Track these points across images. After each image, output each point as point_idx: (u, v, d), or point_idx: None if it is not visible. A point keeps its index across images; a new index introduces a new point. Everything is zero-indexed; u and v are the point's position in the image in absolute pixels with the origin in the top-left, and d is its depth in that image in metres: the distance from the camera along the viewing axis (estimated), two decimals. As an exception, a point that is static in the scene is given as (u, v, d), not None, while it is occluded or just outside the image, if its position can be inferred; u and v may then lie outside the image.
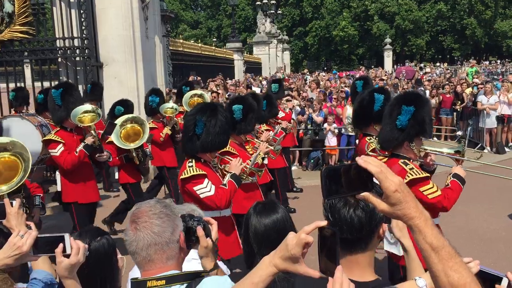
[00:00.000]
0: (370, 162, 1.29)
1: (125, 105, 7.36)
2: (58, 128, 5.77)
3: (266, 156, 5.42)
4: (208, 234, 2.07)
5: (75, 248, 2.01)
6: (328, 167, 1.37)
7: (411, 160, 3.83)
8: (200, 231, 2.03)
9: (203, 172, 4.01)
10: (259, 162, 5.12)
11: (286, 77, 21.70)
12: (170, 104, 8.40)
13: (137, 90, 9.88)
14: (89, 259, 2.04)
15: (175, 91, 11.61)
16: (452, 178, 3.87)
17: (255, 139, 6.04)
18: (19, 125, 6.97)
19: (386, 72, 32.74)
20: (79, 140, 5.72)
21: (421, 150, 4.00)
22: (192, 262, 2.50)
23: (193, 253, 2.58)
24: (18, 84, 10.00)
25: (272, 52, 34.82)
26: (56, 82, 10.10)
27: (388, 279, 3.98)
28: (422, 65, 49.60)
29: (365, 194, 1.32)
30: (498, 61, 55.71)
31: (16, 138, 3.86)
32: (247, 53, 35.31)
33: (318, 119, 11.45)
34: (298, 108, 11.63)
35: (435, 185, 3.74)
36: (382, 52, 51.45)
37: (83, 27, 9.68)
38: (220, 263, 2.55)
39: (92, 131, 5.64)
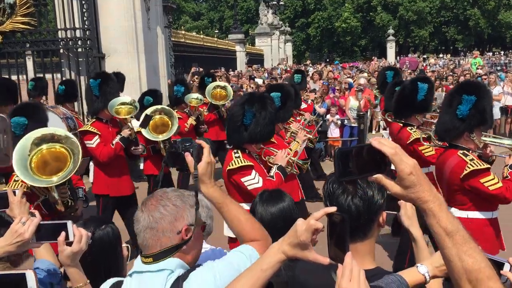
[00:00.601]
0: (385, 144, 1.27)
1: (154, 96, 7.31)
2: (94, 119, 5.68)
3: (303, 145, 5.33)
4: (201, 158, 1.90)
5: (77, 236, 1.99)
6: (342, 148, 1.34)
7: (471, 151, 3.74)
8: (188, 157, 1.88)
9: (251, 163, 3.93)
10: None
11: (289, 69, 21.60)
12: (195, 94, 8.34)
13: (139, 81, 9.85)
14: (93, 247, 2.03)
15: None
16: (510, 169, 3.76)
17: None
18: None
19: (389, 63, 32.61)
20: (115, 133, 5.66)
21: (481, 141, 3.91)
22: None
23: None
24: (20, 76, 9.99)
25: (274, 44, 34.70)
26: (58, 74, 10.14)
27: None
28: (425, 56, 49.41)
29: (378, 176, 1.31)
30: (502, 52, 55.42)
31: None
32: (249, 45, 35.21)
33: (321, 110, 11.40)
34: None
35: (496, 177, 3.66)
36: (385, 44, 51.16)
37: (85, 18, 9.63)
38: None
39: (129, 124, 5.62)
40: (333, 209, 1.44)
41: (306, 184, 8.19)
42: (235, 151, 3.99)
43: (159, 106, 6.65)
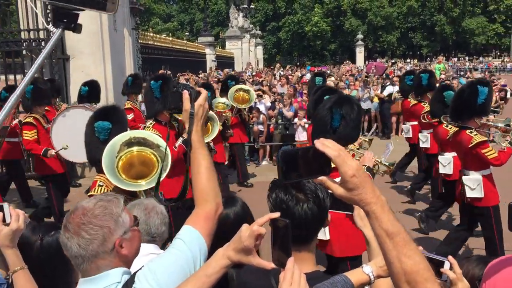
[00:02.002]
0: (329, 146, 1.28)
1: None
2: (153, 122, 5.55)
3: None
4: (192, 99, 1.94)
5: (14, 215, 1.96)
6: (285, 150, 1.34)
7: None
8: (185, 94, 1.92)
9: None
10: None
11: (257, 72, 21.67)
12: (223, 99, 8.19)
13: (105, 83, 9.70)
14: (41, 254, 1.99)
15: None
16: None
17: None
18: (84, 117, 6.87)
19: (357, 67, 33.09)
20: (174, 135, 5.55)
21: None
22: (150, 258, 2.46)
23: (151, 248, 2.55)
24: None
25: (245, 47, 34.73)
26: (21, 76, 9.91)
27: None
28: (393, 61, 50.34)
29: (323, 178, 1.31)
30: (466, 58, 57.06)
31: (82, 129, 3.79)
32: (219, 48, 35.16)
33: (289, 114, 11.49)
34: (268, 103, 11.65)
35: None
36: (354, 48, 52.01)
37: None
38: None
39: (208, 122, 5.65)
40: (276, 214, 1.46)
41: None
42: None
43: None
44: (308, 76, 19.39)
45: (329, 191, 1.43)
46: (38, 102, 6.83)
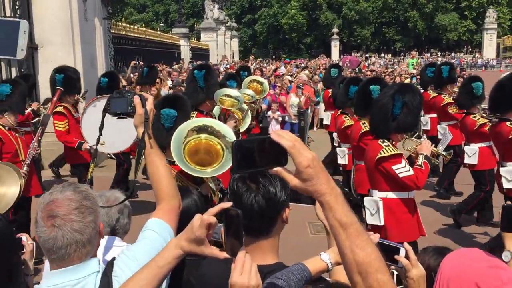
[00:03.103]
0: (284, 136, 1.26)
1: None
2: (195, 111, 5.43)
3: None
4: (143, 104, 2.05)
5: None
6: (239, 140, 1.33)
7: None
8: (136, 99, 2.02)
9: (400, 152, 4.02)
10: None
11: (231, 65, 21.59)
12: (248, 90, 7.99)
13: (75, 74, 9.52)
14: None
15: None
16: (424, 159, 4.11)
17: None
18: None
19: (332, 61, 33.32)
20: None
21: None
22: (114, 250, 2.44)
23: (115, 241, 2.53)
24: None
25: (220, 39, 34.56)
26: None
27: None
28: (367, 55, 50.91)
29: (278, 168, 1.29)
30: (439, 53, 58.06)
31: (114, 119, 3.67)
32: (194, 40, 34.89)
33: (263, 106, 11.49)
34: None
35: None
36: (330, 42, 52.33)
37: (17, 7, 9.18)
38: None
39: (236, 116, 5.54)
40: (228, 204, 1.46)
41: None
42: (382, 140, 4.06)
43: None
44: (283, 70, 19.43)
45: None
46: (68, 91, 6.67)
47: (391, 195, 4.07)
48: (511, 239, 1.93)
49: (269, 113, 11.49)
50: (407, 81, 15.40)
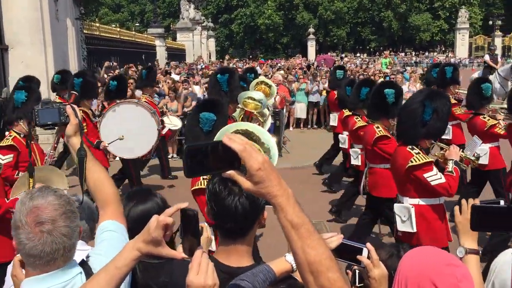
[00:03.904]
0: (235, 140, 1.28)
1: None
2: None
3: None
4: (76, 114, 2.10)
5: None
6: (190, 144, 1.34)
7: None
8: (69, 109, 2.06)
9: (432, 159, 3.98)
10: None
11: (206, 65, 21.52)
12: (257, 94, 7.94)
13: (47, 75, 9.38)
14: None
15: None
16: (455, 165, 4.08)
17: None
18: (135, 112, 6.62)
19: (309, 61, 33.50)
20: None
21: None
22: (79, 253, 2.42)
23: (80, 245, 2.51)
24: None
25: (196, 39, 34.41)
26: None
27: None
28: (343, 55, 51.37)
29: (231, 172, 1.31)
30: (413, 53, 58.94)
31: (133, 125, 3.56)
32: (171, 40, 34.67)
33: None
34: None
35: None
36: (306, 42, 52.62)
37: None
38: None
39: (260, 118, 5.49)
40: (185, 204, 1.47)
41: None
42: (411, 147, 4.01)
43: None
44: (258, 70, 19.43)
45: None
46: (87, 95, 6.60)
47: (422, 202, 4.04)
48: (465, 235, 1.98)
49: (245, 113, 11.51)
50: (380, 80, 15.61)
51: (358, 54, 55.87)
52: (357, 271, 2.06)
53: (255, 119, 5.62)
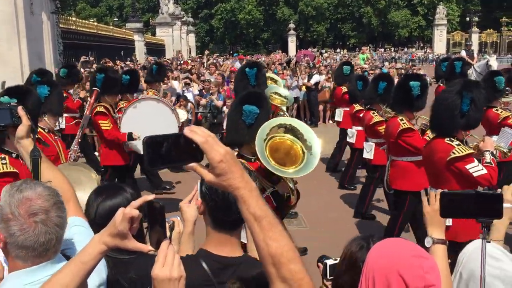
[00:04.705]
0: (196, 132, 1.28)
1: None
2: None
3: None
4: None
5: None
6: (151, 136, 1.32)
7: None
8: (21, 110, 2.04)
9: (472, 151, 3.96)
10: None
11: (184, 61, 21.38)
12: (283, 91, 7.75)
13: (21, 69, 9.22)
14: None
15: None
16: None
17: None
18: (156, 109, 6.59)
19: (289, 56, 33.52)
20: None
21: None
22: None
23: None
24: None
25: (176, 34, 34.13)
26: None
27: None
28: (323, 51, 51.53)
29: (193, 164, 1.30)
30: (392, 49, 59.51)
31: (154, 121, 3.46)
32: (150, 35, 34.34)
33: (219, 103, 11.46)
34: (196, 91, 11.56)
35: None
36: (287, 37, 52.67)
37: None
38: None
39: (283, 113, 5.46)
40: (151, 196, 1.47)
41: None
42: (449, 139, 3.99)
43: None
44: (238, 65, 19.39)
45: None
46: (109, 91, 6.53)
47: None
48: (433, 225, 2.01)
49: (224, 108, 11.47)
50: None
51: (338, 50, 56.07)
52: (328, 264, 2.07)
53: (281, 114, 5.56)
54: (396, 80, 8.11)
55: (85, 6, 64.69)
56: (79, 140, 5.36)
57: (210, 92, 11.31)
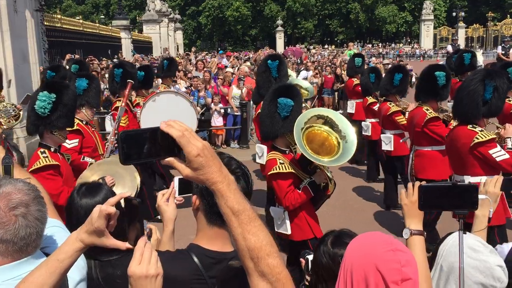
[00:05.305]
0: (173, 126, 1.26)
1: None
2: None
3: None
4: None
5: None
6: (126, 131, 1.31)
7: None
8: None
9: (495, 136, 4.03)
10: None
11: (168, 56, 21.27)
12: (305, 83, 7.60)
13: (5, 68, 9.07)
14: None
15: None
16: None
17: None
18: (175, 102, 6.59)
19: (278, 53, 33.49)
20: None
21: None
22: None
23: None
24: None
25: (163, 31, 33.94)
26: None
27: None
28: (311, 47, 51.65)
29: (170, 159, 1.29)
30: (380, 44, 59.76)
31: (173, 114, 3.46)
32: (137, 32, 34.12)
33: (207, 100, 11.42)
34: (183, 89, 11.50)
35: None
36: (275, 34, 52.68)
37: None
38: None
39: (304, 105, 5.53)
40: (128, 193, 1.45)
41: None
42: (472, 126, 4.07)
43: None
44: (225, 62, 19.37)
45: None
46: (126, 86, 6.39)
47: (484, 179, 4.10)
48: (411, 217, 2.02)
49: (211, 105, 11.43)
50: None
51: (326, 46, 56.21)
52: (309, 259, 2.08)
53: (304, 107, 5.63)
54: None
55: (71, 4, 64.15)
56: (116, 131, 5.37)
57: (198, 89, 11.25)
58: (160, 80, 9.46)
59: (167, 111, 6.37)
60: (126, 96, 6.09)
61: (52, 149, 4.03)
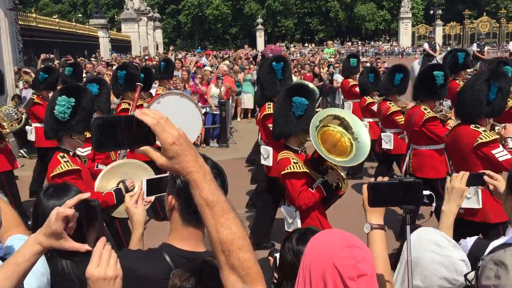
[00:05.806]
0: (148, 114, 1.24)
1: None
2: (272, 103, 5.34)
3: None
4: None
5: None
6: (100, 118, 1.28)
7: None
8: None
9: (497, 137, 4.05)
10: None
11: (149, 57, 21.12)
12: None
13: (-22, 69, 8.92)
14: None
15: (28, 70, 10.74)
16: None
17: None
18: (179, 103, 6.43)
19: (257, 51, 33.51)
20: None
21: None
22: None
23: None
24: None
25: (142, 30, 33.67)
26: None
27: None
28: (291, 45, 51.77)
29: (145, 147, 1.27)
30: (359, 42, 60.25)
31: (179, 116, 3.38)
32: (116, 31, 33.78)
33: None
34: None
35: None
36: (255, 32, 52.66)
37: None
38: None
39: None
40: (86, 195, 1.44)
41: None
42: (474, 125, 4.07)
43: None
44: (204, 60, 19.29)
45: None
46: (130, 87, 6.38)
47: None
48: (371, 212, 2.05)
49: (190, 104, 11.38)
50: (325, 69, 15.87)
51: (306, 44, 56.44)
52: (277, 257, 2.09)
53: None
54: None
55: (48, 2, 63.15)
56: None
57: (177, 88, 11.19)
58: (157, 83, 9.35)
59: (172, 112, 6.27)
60: (136, 99, 6.02)
61: (71, 153, 3.99)
